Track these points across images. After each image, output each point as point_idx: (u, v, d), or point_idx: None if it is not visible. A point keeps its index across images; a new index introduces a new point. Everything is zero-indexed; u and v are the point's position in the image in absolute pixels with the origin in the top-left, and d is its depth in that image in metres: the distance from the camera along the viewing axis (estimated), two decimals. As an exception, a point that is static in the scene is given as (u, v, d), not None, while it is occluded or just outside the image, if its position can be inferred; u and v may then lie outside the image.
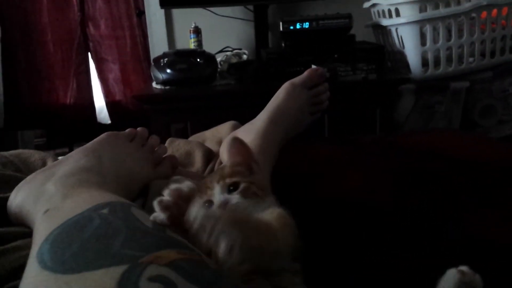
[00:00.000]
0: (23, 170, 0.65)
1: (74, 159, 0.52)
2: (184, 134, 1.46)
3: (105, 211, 0.40)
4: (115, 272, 0.32)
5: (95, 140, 0.57)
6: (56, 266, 0.34)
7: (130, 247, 0.35)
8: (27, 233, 0.45)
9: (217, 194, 0.51)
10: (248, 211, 0.51)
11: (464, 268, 0.44)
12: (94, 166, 0.51)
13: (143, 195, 0.58)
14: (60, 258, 0.34)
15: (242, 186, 0.51)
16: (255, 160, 0.58)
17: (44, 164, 0.67)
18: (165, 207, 0.45)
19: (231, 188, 0.51)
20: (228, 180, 0.52)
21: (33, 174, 0.52)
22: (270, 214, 0.48)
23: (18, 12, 2.40)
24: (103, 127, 2.54)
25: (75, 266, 0.33)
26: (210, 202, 0.52)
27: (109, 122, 2.63)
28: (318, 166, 0.84)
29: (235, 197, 0.50)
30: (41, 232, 0.39)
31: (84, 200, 0.43)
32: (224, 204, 0.49)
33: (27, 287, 0.34)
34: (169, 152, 0.81)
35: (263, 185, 0.55)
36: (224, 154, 0.75)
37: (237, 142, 0.56)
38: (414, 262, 0.57)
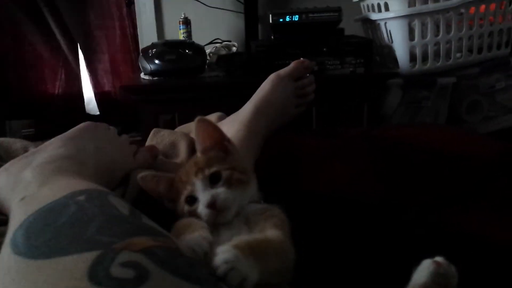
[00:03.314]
0: (4, 158, 0.64)
1: (53, 147, 0.52)
2: (172, 125, 1.44)
3: (81, 198, 0.40)
4: (88, 257, 0.32)
5: (74, 128, 0.57)
6: (28, 252, 0.33)
7: (105, 233, 0.35)
8: (3, 220, 0.45)
9: (200, 190, 0.49)
10: (237, 202, 0.49)
11: (439, 259, 0.44)
12: (73, 154, 0.51)
13: (123, 184, 0.58)
14: (33, 244, 0.34)
15: (224, 175, 0.49)
16: (227, 138, 0.55)
17: (25, 152, 0.66)
18: None
19: (212, 179, 0.49)
20: (207, 172, 0.50)
21: (11, 161, 0.51)
22: (273, 224, 0.46)
23: (6, 0, 2.36)
24: (92, 118, 2.52)
25: (48, 251, 0.33)
26: (191, 198, 0.50)
27: (98, 113, 2.61)
28: (304, 158, 0.85)
29: (221, 191, 0.48)
30: (16, 219, 0.39)
31: (61, 188, 0.42)
32: (212, 203, 0.47)
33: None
34: (153, 143, 0.81)
35: (244, 167, 0.53)
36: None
37: (204, 124, 0.53)
38: (394, 255, 0.58)
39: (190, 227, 0.46)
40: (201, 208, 0.48)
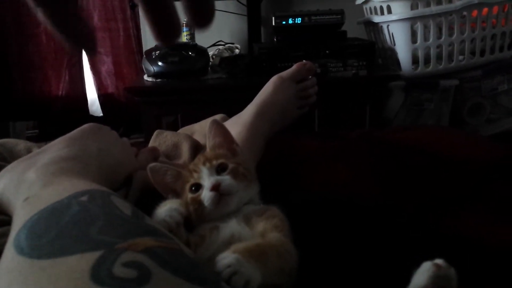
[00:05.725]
0: (8, 159, 0.64)
1: (56, 148, 0.52)
2: (174, 127, 1.46)
3: (84, 198, 0.40)
4: (90, 257, 0.32)
5: (78, 129, 0.57)
6: (32, 252, 0.34)
7: (107, 234, 0.35)
8: (7, 221, 0.45)
9: (206, 176, 0.51)
10: (240, 194, 0.51)
11: (439, 261, 0.44)
12: (76, 155, 0.51)
13: (126, 185, 0.58)
14: (37, 244, 0.34)
15: (230, 167, 0.52)
16: (235, 141, 0.58)
17: (29, 153, 0.67)
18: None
19: (219, 169, 0.52)
20: (214, 162, 0.52)
21: (15, 162, 0.51)
22: (273, 226, 0.47)
23: (10, 2, 2.37)
24: (95, 120, 2.53)
25: (51, 251, 0.33)
26: (197, 185, 0.51)
27: (101, 114, 2.62)
28: (305, 160, 0.85)
29: (226, 178, 0.50)
30: (19, 219, 0.39)
31: (64, 188, 0.43)
32: (217, 186, 0.49)
33: (3, 273, 0.34)
34: (156, 144, 0.81)
35: (249, 168, 0.55)
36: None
37: (216, 124, 0.57)
38: (390, 257, 0.58)
39: (165, 204, 0.48)
40: (205, 192, 0.50)
